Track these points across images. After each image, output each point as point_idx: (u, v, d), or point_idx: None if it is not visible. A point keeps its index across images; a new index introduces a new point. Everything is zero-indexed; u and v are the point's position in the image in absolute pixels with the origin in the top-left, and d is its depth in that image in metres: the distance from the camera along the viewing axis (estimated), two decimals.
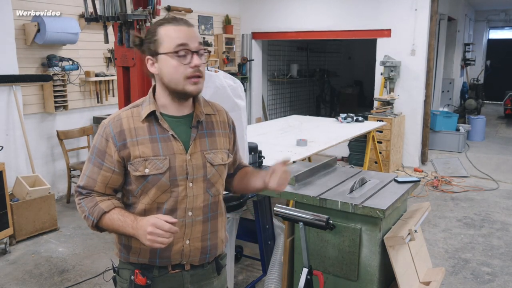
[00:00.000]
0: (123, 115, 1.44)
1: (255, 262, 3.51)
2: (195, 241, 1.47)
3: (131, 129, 1.42)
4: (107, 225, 1.41)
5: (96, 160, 1.43)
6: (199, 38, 1.42)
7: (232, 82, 2.36)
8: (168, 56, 1.38)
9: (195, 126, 1.47)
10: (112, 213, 1.40)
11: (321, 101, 11.18)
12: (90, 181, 1.43)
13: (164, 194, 1.42)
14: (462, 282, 3.30)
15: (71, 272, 3.45)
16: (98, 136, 1.44)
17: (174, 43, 1.37)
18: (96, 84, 5.21)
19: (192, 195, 1.44)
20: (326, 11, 6.95)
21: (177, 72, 1.38)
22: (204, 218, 1.48)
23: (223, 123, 1.58)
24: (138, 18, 2.80)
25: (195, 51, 1.38)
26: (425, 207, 2.41)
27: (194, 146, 1.45)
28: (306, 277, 1.96)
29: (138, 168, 1.39)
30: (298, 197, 2.19)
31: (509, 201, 5.08)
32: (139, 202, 1.44)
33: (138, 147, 1.40)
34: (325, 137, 4.18)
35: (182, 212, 1.44)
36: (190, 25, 1.42)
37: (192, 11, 6.59)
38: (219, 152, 1.51)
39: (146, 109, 1.44)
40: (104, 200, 1.43)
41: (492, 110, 12.64)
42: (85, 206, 1.42)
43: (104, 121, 1.46)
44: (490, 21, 13.16)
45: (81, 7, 4.77)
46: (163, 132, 1.43)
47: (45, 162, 4.92)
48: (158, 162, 1.40)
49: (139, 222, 1.34)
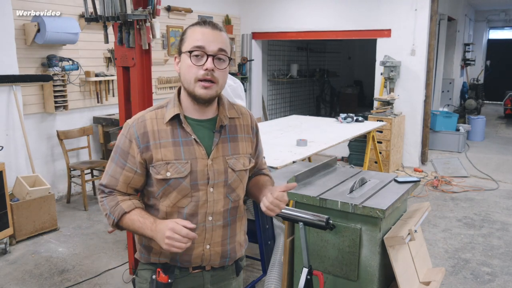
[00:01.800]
0: (147, 116, 1.44)
1: (255, 262, 3.51)
2: (215, 246, 1.47)
3: (155, 131, 1.41)
4: (127, 225, 1.42)
5: (119, 160, 1.44)
6: (223, 44, 1.40)
7: (232, 82, 2.37)
8: (186, 55, 1.38)
9: (218, 130, 1.46)
10: (133, 213, 1.41)
11: (321, 101, 11.18)
12: (113, 180, 1.44)
13: (184, 198, 1.42)
14: (462, 282, 3.30)
15: (71, 272, 3.45)
16: (122, 136, 1.44)
17: (193, 44, 1.37)
18: (96, 84, 5.21)
19: (212, 200, 1.44)
20: (326, 11, 6.95)
21: (189, 72, 1.38)
22: (224, 223, 1.48)
23: (246, 126, 1.56)
24: (138, 18, 2.80)
25: (211, 54, 1.37)
26: (425, 207, 2.41)
27: (216, 151, 1.44)
28: (306, 277, 1.96)
29: (160, 171, 1.39)
30: (298, 197, 2.19)
31: (509, 201, 5.08)
32: (160, 204, 1.44)
33: (160, 150, 1.40)
34: (325, 137, 4.18)
35: (203, 216, 1.44)
36: (217, 29, 1.41)
37: (192, 11, 6.59)
38: (241, 157, 1.50)
39: (170, 112, 1.43)
40: (125, 200, 1.43)
41: (492, 110, 12.64)
42: (107, 205, 1.43)
43: (129, 121, 1.47)
44: (490, 21, 13.16)
45: (81, 7, 4.78)
46: (186, 136, 1.42)
47: (45, 162, 4.92)
48: (180, 166, 1.39)
49: (158, 225, 1.35)
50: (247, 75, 7.72)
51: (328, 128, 4.75)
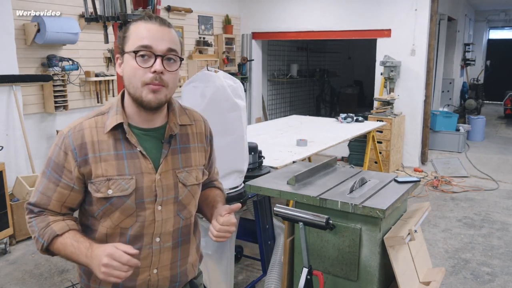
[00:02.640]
0: (86, 124, 1.25)
1: (255, 262, 3.51)
2: (163, 270, 1.31)
3: (94, 142, 1.23)
4: (58, 250, 1.22)
5: (51, 174, 1.24)
6: (172, 43, 1.22)
7: (232, 82, 2.36)
8: (130, 56, 1.20)
9: (167, 140, 1.29)
10: (65, 236, 1.22)
11: (321, 101, 11.18)
12: (44, 198, 1.24)
13: (129, 218, 1.24)
14: (462, 282, 3.30)
15: (71, 272, 3.44)
16: (56, 148, 1.24)
17: (138, 42, 1.19)
18: (96, 84, 5.21)
19: (160, 219, 1.28)
20: (326, 11, 6.95)
21: (135, 75, 1.19)
22: (174, 244, 1.32)
23: (199, 134, 1.40)
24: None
25: (160, 54, 1.19)
26: (425, 207, 2.41)
27: (165, 164, 1.28)
28: (306, 277, 1.96)
29: (100, 189, 1.22)
30: (298, 197, 2.19)
31: (509, 201, 5.08)
32: (100, 225, 1.26)
33: (100, 164, 1.22)
34: (325, 137, 4.17)
35: (149, 238, 1.27)
36: (164, 25, 1.22)
37: (192, 11, 6.59)
38: (193, 170, 1.34)
39: (112, 120, 1.24)
40: (58, 221, 1.24)
41: (492, 110, 12.64)
42: (36, 226, 1.24)
43: (63, 130, 1.26)
44: (490, 21, 13.16)
45: (81, 7, 4.77)
46: (131, 148, 1.24)
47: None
48: (123, 182, 1.22)
49: (94, 251, 1.16)
50: (247, 75, 7.72)
51: (328, 128, 4.75)
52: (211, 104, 2.26)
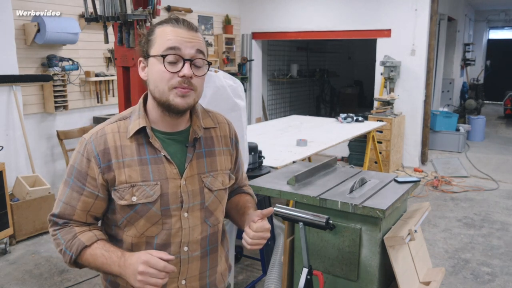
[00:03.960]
0: (108, 129, 1.21)
1: (255, 262, 3.51)
2: (192, 281, 1.27)
3: (117, 147, 1.19)
4: (88, 261, 1.18)
5: (75, 183, 1.20)
6: (199, 46, 1.20)
7: (232, 82, 2.36)
8: (157, 60, 1.17)
9: (191, 144, 1.26)
10: (95, 247, 1.18)
11: (321, 101, 11.18)
12: (68, 208, 1.20)
13: (154, 226, 1.20)
14: (462, 282, 3.30)
15: (71, 272, 3.44)
16: (78, 155, 1.21)
17: (165, 46, 1.16)
18: (96, 84, 5.21)
19: (187, 227, 1.23)
20: (326, 11, 6.95)
21: (162, 79, 1.16)
22: (203, 253, 1.28)
23: (224, 138, 1.36)
24: (138, 18, 2.80)
25: (188, 59, 1.16)
26: (425, 207, 2.41)
27: (190, 169, 1.24)
28: (306, 277, 1.96)
29: (124, 196, 1.18)
30: (298, 197, 2.19)
31: (509, 201, 5.08)
32: (124, 234, 1.22)
33: (124, 170, 1.18)
34: (325, 137, 4.18)
35: (177, 247, 1.23)
36: (192, 29, 1.20)
37: (192, 11, 6.59)
38: (219, 174, 1.31)
39: (134, 124, 1.21)
40: (84, 231, 1.20)
41: (492, 110, 12.64)
42: (62, 239, 1.20)
43: (85, 136, 1.23)
44: (490, 21, 13.16)
45: (81, 7, 4.77)
46: (154, 153, 1.21)
47: (45, 162, 4.91)
48: (148, 188, 1.18)
49: (127, 259, 1.13)
50: (247, 75, 7.73)
51: (328, 128, 4.76)
52: (211, 104, 2.26)
